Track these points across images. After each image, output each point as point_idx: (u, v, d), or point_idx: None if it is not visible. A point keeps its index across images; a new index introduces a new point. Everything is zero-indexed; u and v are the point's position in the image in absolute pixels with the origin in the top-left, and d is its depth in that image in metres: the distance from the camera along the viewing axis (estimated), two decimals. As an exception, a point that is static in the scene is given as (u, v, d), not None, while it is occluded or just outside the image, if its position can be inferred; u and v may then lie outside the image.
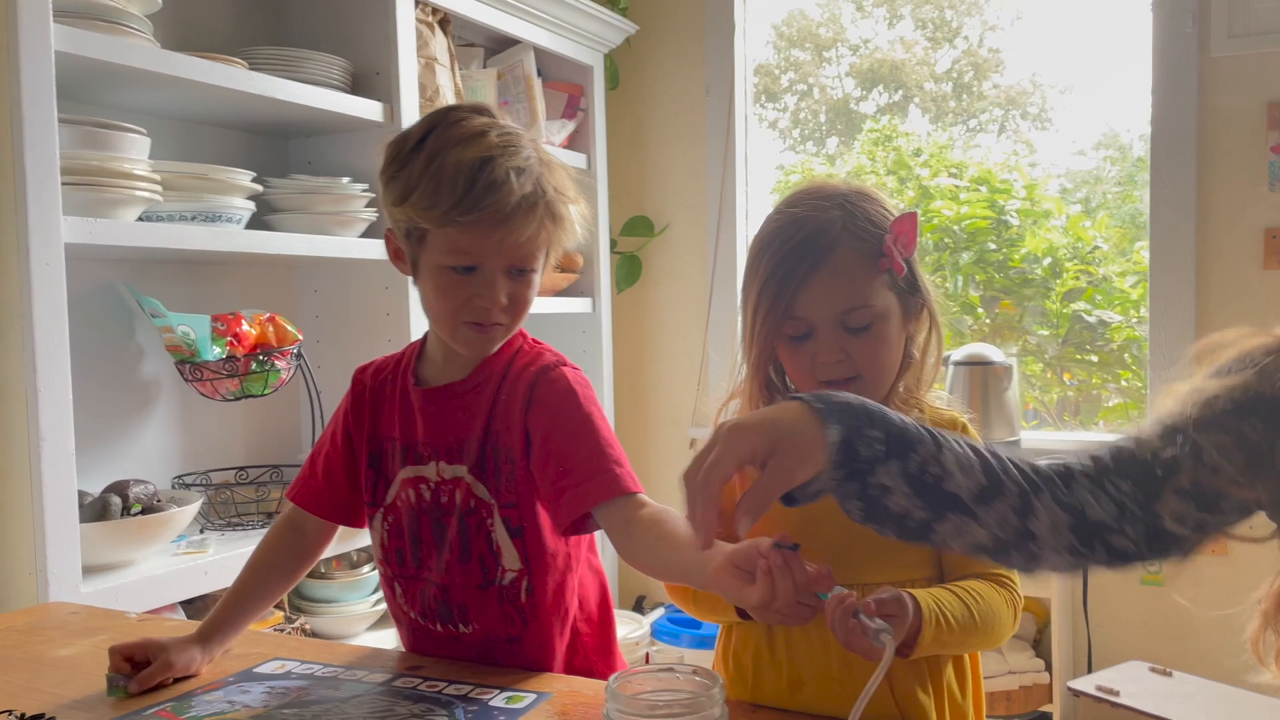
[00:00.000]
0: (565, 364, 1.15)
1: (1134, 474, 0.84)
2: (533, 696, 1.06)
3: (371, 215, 2.14)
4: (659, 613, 2.90)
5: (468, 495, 1.14)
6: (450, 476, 1.15)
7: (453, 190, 1.02)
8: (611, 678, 0.69)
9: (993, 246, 3.01)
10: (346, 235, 2.10)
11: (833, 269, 1.03)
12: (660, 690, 0.69)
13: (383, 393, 1.22)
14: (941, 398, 1.15)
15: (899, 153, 3.25)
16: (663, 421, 3.08)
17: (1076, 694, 0.59)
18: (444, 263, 1.07)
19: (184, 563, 1.74)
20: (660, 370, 3.09)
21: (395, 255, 1.15)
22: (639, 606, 3.06)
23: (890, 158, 3.27)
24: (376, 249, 2.14)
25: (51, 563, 1.54)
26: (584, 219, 1.12)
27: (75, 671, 1.19)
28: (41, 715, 1.03)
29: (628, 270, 3.05)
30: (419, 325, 2.22)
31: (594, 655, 1.20)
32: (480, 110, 1.10)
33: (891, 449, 0.78)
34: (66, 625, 1.37)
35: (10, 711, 1.05)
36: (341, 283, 2.27)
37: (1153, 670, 0.62)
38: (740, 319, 1.12)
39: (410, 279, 1.16)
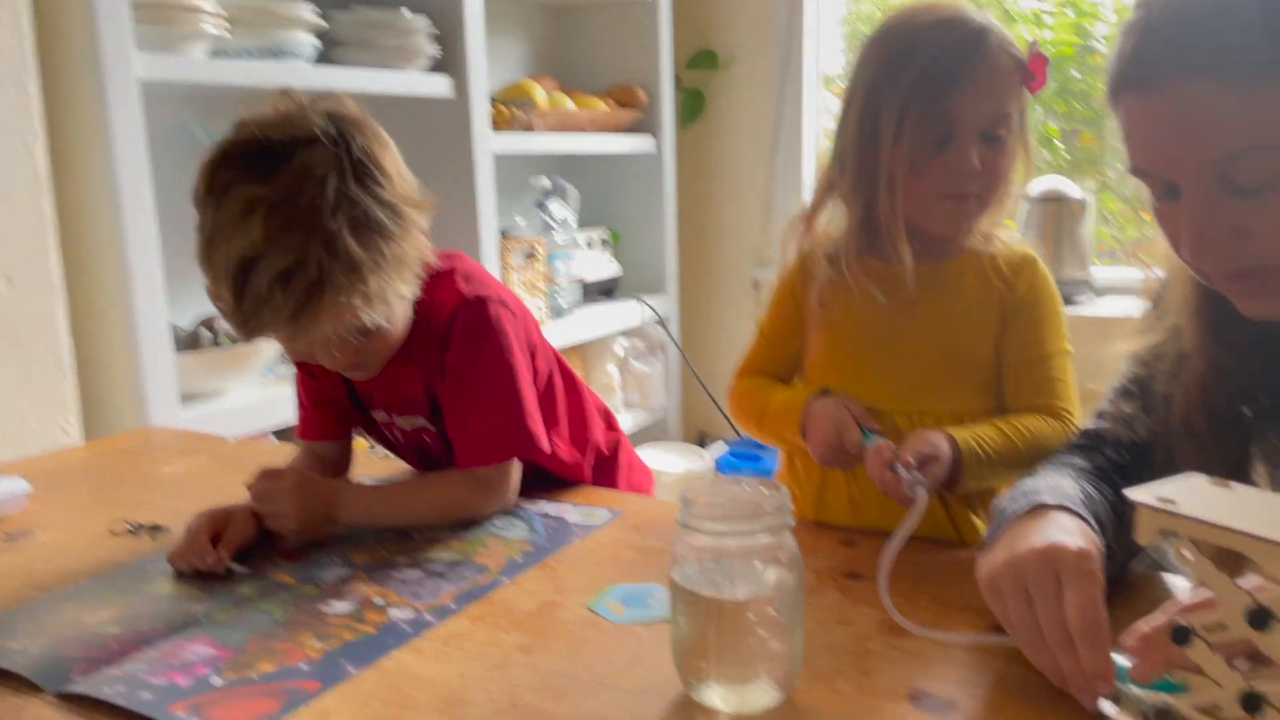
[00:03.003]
0: (483, 299, 1.10)
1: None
2: (607, 513, 1.12)
3: (435, 51, 2.12)
4: (719, 445, 2.98)
5: (437, 437, 1.17)
6: (412, 427, 1.17)
7: (230, 305, 0.93)
8: (684, 489, 0.73)
9: (1076, 75, 2.87)
10: (410, 70, 2.09)
11: (994, 71, 1.00)
12: (730, 501, 0.73)
13: None
14: (1013, 235, 1.13)
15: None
16: (726, 260, 3.08)
17: (1134, 505, 0.62)
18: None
19: (274, 392, 1.83)
20: (724, 209, 3.07)
21: None
22: (701, 441, 3.15)
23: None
24: (442, 85, 2.13)
25: (150, 390, 1.64)
26: (398, 266, 0.98)
27: (181, 486, 1.28)
28: (157, 526, 1.12)
29: (692, 106, 2.98)
30: (484, 162, 2.22)
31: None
32: (260, 148, 0.92)
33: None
34: (169, 447, 1.47)
35: (127, 521, 1.14)
36: (408, 120, 2.26)
37: (1212, 482, 0.63)
38: (854, 134, 1.05)
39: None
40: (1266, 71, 0.70)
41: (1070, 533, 0.75)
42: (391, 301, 0.99)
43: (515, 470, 1.13)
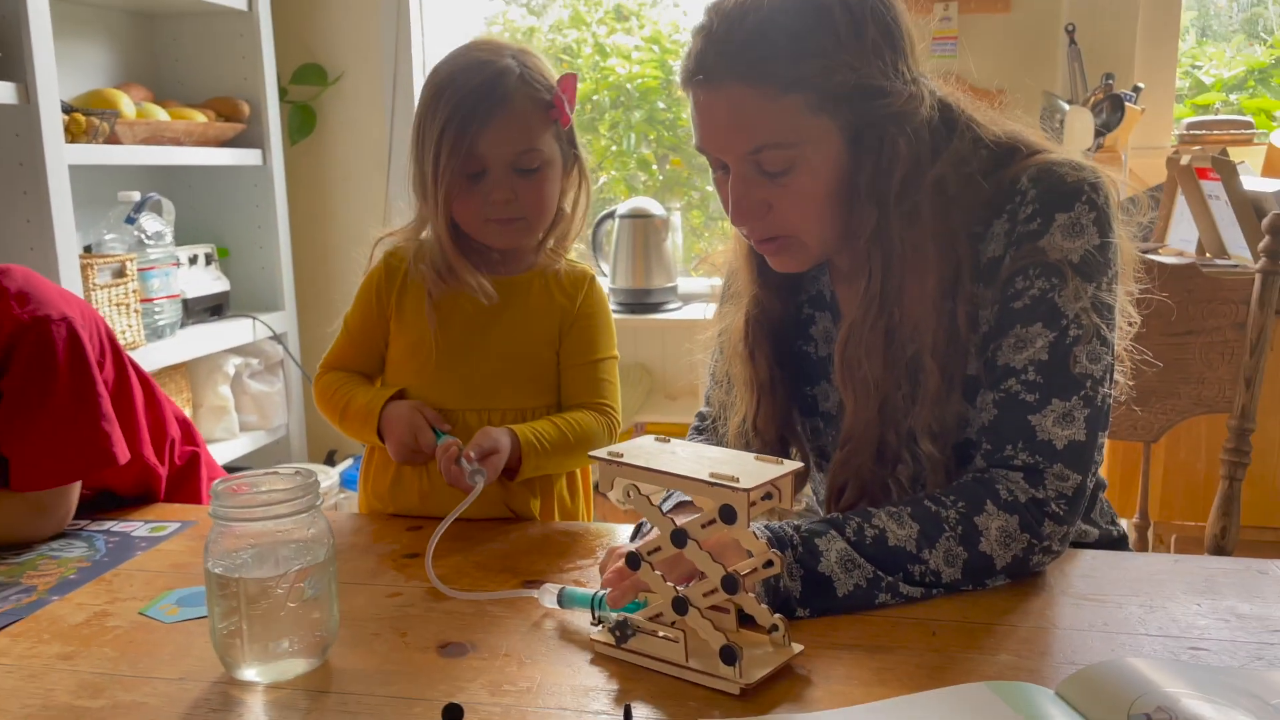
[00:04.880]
0: (43, 320, 1.09)
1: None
2: (177, 524, 1.13)
3: (-10, 52, 1.95)
4: (348, 463, 2.97)
5: None
6: None
7: None
8: (217, 481, 0.78)
9: (662, 105, 3.20)
10: (-40, 74, 1.91)
11: (511, 113, 1.11)
12: (260, 489, 0.79)
13: None
14: (578, 252, 1.28)
15: (573, 8, 3.33)
16: (346, 275, 3.06)
17: (594, 459, 0.77)
18: None
19: None
20: (342, 224, 3.06)
21: None
22: (330, 459, 3.12)
23: (587, 14, 3.32)
24: (4, 91, 1.97)
25: None
26: None
27: None
28: None
29: (301, 121, 2.95)
30: (58, 174, 2.08)
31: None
32: None
33: None
34: None
35: None
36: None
37: (657, 440, 0.81)
38: (414, 163, 1.15)
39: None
40: (786, 87, 0.91)
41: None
42: None
43: (73, 492, 1.11)
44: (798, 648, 0.78)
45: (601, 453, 0.78)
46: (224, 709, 0.74)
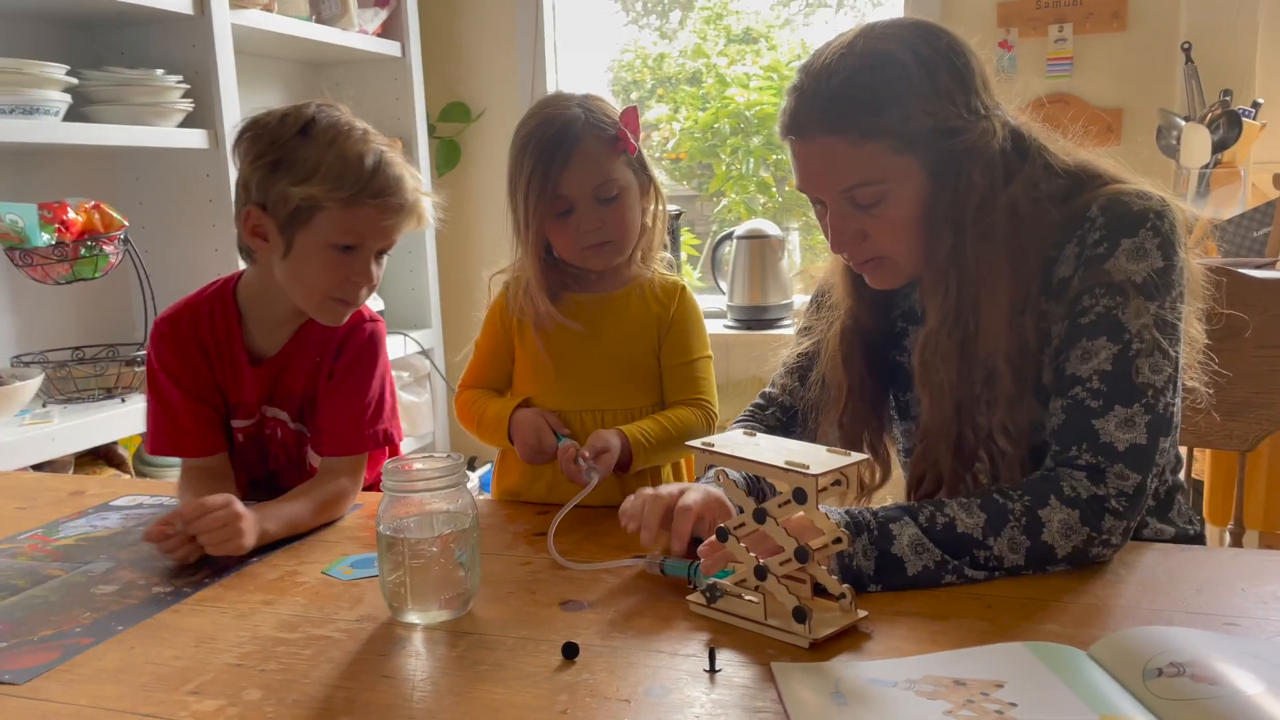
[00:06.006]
0: (375, 319, 1.36)
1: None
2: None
3: (188, 106, 2.26)
4: (486, 468, 3.21)
5: (289, 433, 1.37)
6: (273, 416, 1.37)
7: (359, 175, 1.18)
8: (387, 461, 0.97)
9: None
10: (164, 125, 2.22)
11: (583, 153, 1.29)
12: (422, 469, 0.98)
13: (210, 359, 1.33)
14: (667, 264, 1.45)
15: (702, 34, 3.50)
16: (486, 297, 3.31)
17: (690, 449, 0.92)
18: (332, 240, 1.20)
19: (31, 432, 1.91)
20: (483, 249, 3.32)
21: (254, 232, 1.23)
22: (471, 465, 3.37)
23: (714, 39, 3.49)
24: (196, 138, 2.27)
25: (-96, 433, 1.69)
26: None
27: (-52, 514, 1.38)
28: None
29: (447, 155, 3.22)
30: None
31: None
32: (337, 108, 1.27)
33: None
34: (-71, 483, 1.55)
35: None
36: (163, 170, 2.39)
37: (744, 432, 0.94)
38: (511, 213, 1.35)
39: (251, 257, 1.30)
40: (866, 135, 1.05)
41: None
42: None
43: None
44: (863, 613, 0.91)
45: (697, 443, 0.93)
46: (391, 641, 0.92)
